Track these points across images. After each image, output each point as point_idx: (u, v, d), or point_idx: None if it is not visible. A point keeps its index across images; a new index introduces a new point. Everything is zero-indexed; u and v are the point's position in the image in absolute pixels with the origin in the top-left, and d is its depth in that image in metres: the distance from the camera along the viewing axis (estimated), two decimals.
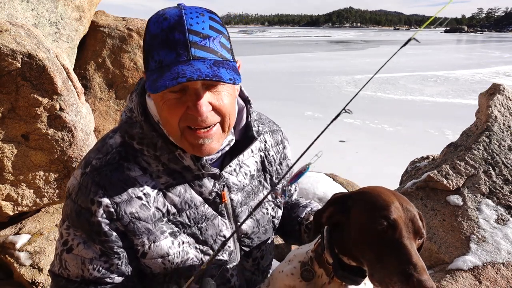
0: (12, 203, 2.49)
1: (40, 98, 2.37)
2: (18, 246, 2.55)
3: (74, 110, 2.54)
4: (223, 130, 1.00)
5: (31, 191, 2.51)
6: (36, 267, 2.46)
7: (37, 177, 2.50)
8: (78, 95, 2.66)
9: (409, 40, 0.85)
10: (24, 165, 2.45)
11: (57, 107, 2.43)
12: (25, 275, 2.42)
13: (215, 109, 0.95)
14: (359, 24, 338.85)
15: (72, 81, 2.63)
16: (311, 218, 1.29)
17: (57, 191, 2.58)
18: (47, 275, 2.45)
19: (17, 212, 2.54)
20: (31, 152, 2.45)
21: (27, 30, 2.52)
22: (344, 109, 0.79)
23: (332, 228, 1.02)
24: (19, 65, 2.29)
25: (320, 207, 1.28)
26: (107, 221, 0.98)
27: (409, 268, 0.78)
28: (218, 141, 1.00)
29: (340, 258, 0.98)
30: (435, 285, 0.81)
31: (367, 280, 1.00)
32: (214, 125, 0.97)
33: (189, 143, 0.97)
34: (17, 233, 2.66)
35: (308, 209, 1.36)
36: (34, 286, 2.41)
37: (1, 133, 2.37)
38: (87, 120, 2.69)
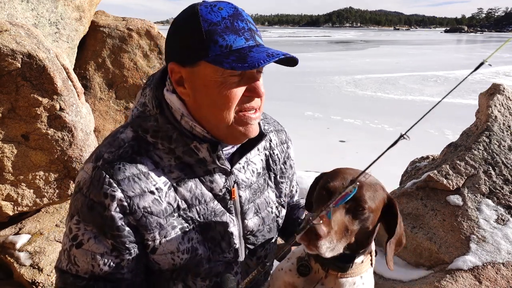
0: (12, 203, 2.49)
1: (40, 98, 2.37)
2: (18, 246, 2.55)
3: (74, 110, 2.54)
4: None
5: (31, 191, 2.51)
6: (36, 267, 2.46)
7: (37, 177, 2.50)
8: (78, 95, 2.66)
9: (481, 63, 0.87)
10: (24, 165, 2.45)
11: (57, 107, 2.43)
12: (25, 275, 2.42)
13: None
14: (359, 24, 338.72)
15: (72, 81, 2.63)
16: None
17: (57, 191, 2.58)
18: (47, 275, 2.45)
19: (17, 212, 2.54)
20: (31, 152, 2.45)
21: (27, 30, 2.52)
22: (402, 135, 0.80)
23: None
24: (19, 65, 2.29)
25: None
26: (121, 215, 0.97)
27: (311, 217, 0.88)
28: (258, 124, 1.07)
29: None
30: (323, 228, 0.87)
31: (364, 274, 1.04)
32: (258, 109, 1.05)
33: (241, 126, 1.02)
34: (17, 233, 2.67)
35: None
36: (34, 286, 2.41)
37: (1, 133, 2.37)
38: (87, 120, 2.69)
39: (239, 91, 0.97)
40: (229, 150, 1.10)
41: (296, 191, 1.50)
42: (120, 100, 3.78)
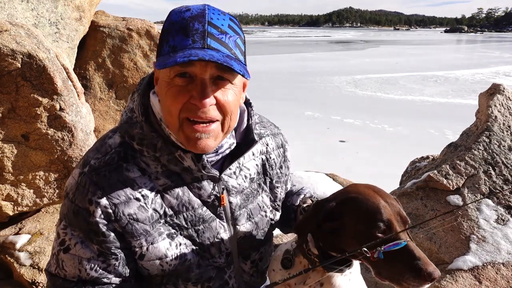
0: (12, 203, 2.49)
1: (40, 98, 2.37)
2: (18, 246, 2.55)
3: (74, 110, 2.54)
4: (222, 130, 0.99)
5: (31, 191, 2.51)
6: (36, 267, 2.46)
7: (37, 177, 2.50)
8: (78, 95, 2.66)
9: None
10: (24, 165, 2.45)
11: (57, 107, 2.43)
12: (25, 275, 2.42)
13: (219, 105, 0.95)
14: (359, 24, 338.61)
15: (72, 81, 2.63)
16: (308, 201, 1.32)
17: (57, 191, 2.58)
18: None
19: (17, 212, 2.54)
20: (31, 152, 2.45)
21: (27, 30, 2.52)
22: (486, 196, 0.85)
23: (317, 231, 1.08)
24: (19, 65, 2.29)
25: (311, 192, 1.39)
26: (105, 222, 0.97)
27: (417, 263, 0.88)
28: (215, 139, 0.99)
29: (324, 251, 1.07)
30: (439, 273, 0.88)
31: (349, 270, 1.09)
32: (214, 122, 0.96)
33: (186, 136, 0.96)
34: (17, 233, 2.66)
35: (302, 196, 1.38)
36: (34, 286, 2.41)
37: (1, 133, 2.37)
38: (87, 120, 2.69)
39: (182, 95, 0.92)
40: (212, 158, 1.07)
41: (293, 185, 1.50)
42: (120, 100, 3.78)
